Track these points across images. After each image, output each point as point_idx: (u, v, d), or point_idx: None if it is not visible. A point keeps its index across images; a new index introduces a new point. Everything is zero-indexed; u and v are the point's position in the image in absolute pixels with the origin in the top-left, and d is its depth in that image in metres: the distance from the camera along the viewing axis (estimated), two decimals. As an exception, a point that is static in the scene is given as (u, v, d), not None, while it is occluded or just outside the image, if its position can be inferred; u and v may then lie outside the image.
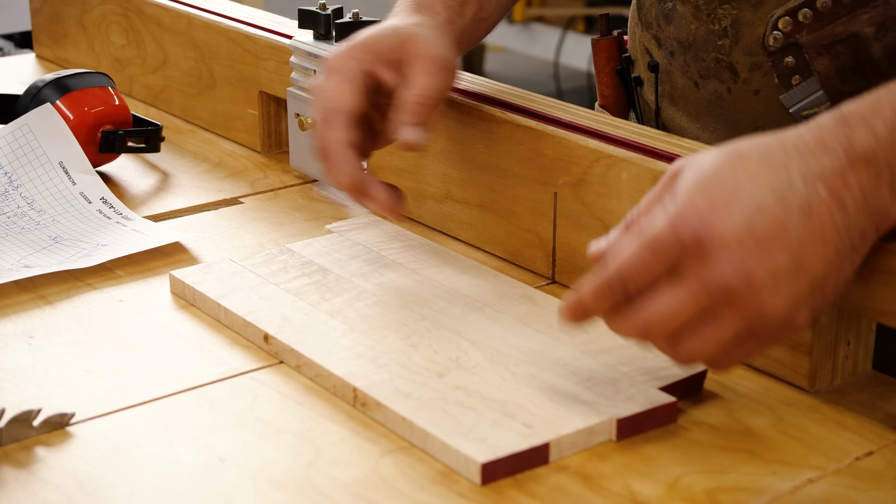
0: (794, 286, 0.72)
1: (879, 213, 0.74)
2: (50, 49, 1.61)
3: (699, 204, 0.72)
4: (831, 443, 0.79)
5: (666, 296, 0.73)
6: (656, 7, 1.07)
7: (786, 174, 0.72)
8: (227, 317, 0.93)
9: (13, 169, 1.12)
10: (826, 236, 0.72)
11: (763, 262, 0.71)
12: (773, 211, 0.71)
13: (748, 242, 0.71)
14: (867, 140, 0.73)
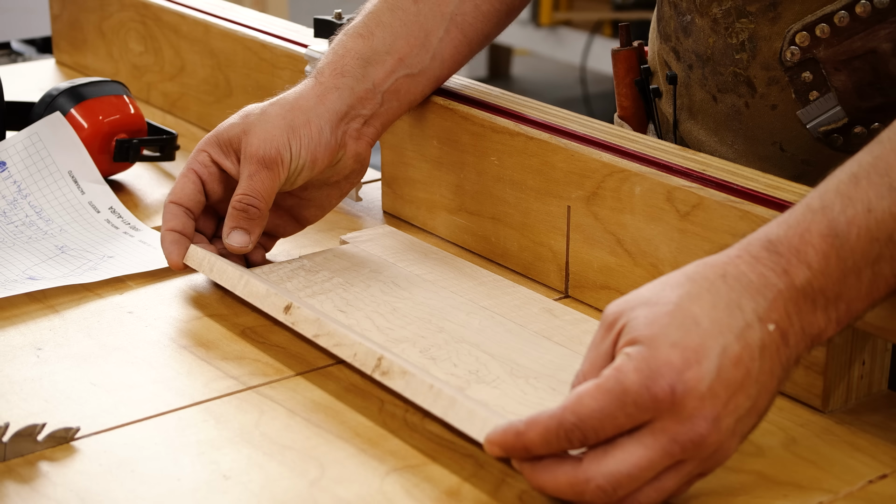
0: (748, 424, 0.72)
1: (814, 337, 0.74)
2: (69, 55, 1.61)
3: (671, 356, 0.70)
4: (844, 465, 0.78)
5: (635, 451, 0.70)
6: (675, 20, 1.06)
7: (741, 315, 0.72)
8: (246, 287, 0.93)
9: (22, 178, 1.11)
10: (774, 372, 0.72)
11: (732, 411, 0.71)
12: (740, 357, 0.71)
13: (720, 394, 0.70)
14: (803, 273, 0.73)
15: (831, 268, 0.73)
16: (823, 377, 0.82)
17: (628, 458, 0.70)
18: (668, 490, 0.71)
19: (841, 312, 0.74)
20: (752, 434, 0.79)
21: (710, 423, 0.70)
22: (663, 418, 0.70)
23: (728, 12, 1.00)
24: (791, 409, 0.84)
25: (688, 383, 0.69)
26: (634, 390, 0.69)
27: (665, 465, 0.70)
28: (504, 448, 0.72)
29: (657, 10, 1.12)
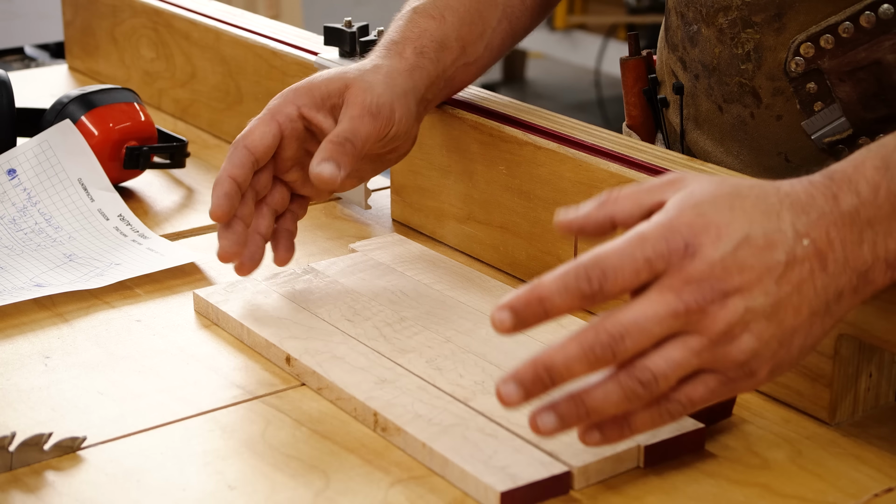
0: (764, 331, 0.70)
1: (859, 273, 0.72)
2: (82, 61, 1.61)
3: (693, 220, 0.70)
4: (850, 478, 0.77)
5: (642, 303, 0.69)
6: (682, 30, 1.06)
7: (777, 220, 0.71)
8: (249, 337, 0.93)
9: (32, 185, 1.12)
10: (804, 291, 0.71)
11: (744, 296, 0.70)
12: (761, 249, 0.70)
13: (732, 271, 0.70)
14: (851, 199, 0.72)
15: (881, 199, 0.72)
16: (830, 389, 0.82)
17: (635, 308, 0.69)
18: (675, 361, 0.69)
19: (891, 253, 0.72)
20: (758, 446, 0.80)
21: (716, 293, 0.69)
22: (672, 273, 0.69)
23: (734, 22, 1.00)
24: (797, 421, 0.83)
25: (702, 246, 0.69)
26: (652, 237, 0.69)
27: (670, 324, 0.69)
28: (515, 309, 0.69)
29: (665, 19, 1.12)
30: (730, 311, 0.70)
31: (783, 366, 0.72)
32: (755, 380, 0.72)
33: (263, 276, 1.01)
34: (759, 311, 0.70)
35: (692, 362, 0.70)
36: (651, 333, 0.69)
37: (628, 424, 0.72)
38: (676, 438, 0.78)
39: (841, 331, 0.81)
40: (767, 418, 0.84)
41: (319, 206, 1.19)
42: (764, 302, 0.70)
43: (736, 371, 0.71)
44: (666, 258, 0.69)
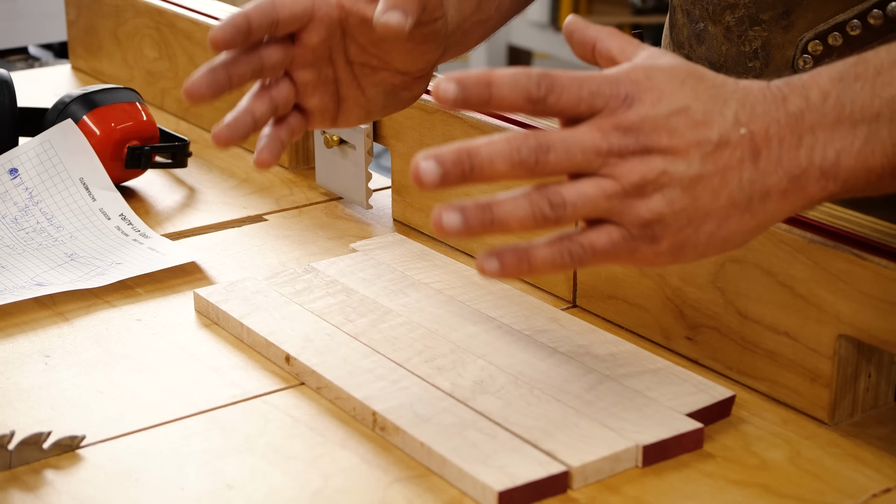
0: (676, 199, 0.70)
1: (791, 175, 0.72)
2: (85, 61, 1.61)
3: (641, 78, 0.71)
4: (848, 478, 0.77)
5: (571, 129, 0.71)
6: (688, 27, 1.06)
7: (723, 104, 0.71)
8: (249, 336, 0.93)
9: (34, 184, 1.12)
10: (727, 177, 0.71)
11: (664, 155, 0.70)
12: (696, 122, 0.71)
13: (661, 129, 0.70)
14: (798, 102, 0.72)
15: (828, 106, 0.72)
16: (829, 389, 0.82)
17: (565, 131, 0.70)
18: (585, 194, 0.70)
19: (827, 163, 0.72)
20: (756, 446, 0.80)
21: (640, 145, 0.70)
22: (605, 115, 0.71)
23: (741, 20, 1.00)
24: (796, 421, 0.83)
25: (640, 101, 0.71)
26: (600, 78, 0.71)
27: (590, 159, 0.70)
28: (463, 84, 0.70)
29: (669, 17, 1.11)
30: (647, 166, 0.70)
31: (686, 248, 0.72)
32: (656, 248, 0.71)
33: (263, 276, 1.01)
34: (676, 178, 0.70)
35: (601, 203, 0.70)
36: (573, 158, 0.70)
37: (528, 258, 0.70)
38: (675, 438, 0.78)
39: (840, 331, 0.81)
40: (766, 418, 0.84)
41: (320, 205, 1.20)
42: (684, 171, 0.70)
43: (639, 230, 0.71)
44: (605, 99, 0.71)
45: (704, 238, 0.72)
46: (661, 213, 0.70)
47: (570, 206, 0.70)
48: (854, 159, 0.72)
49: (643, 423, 0.79)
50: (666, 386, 0.83)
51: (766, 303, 0.85)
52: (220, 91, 0.86)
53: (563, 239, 0.70)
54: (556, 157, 0.69)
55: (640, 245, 0.71)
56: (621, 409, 0.81)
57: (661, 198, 0.70)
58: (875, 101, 0.72)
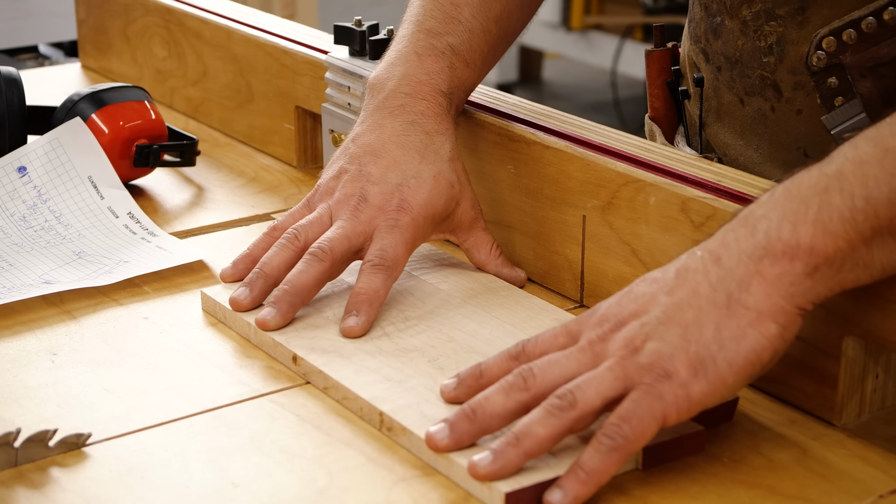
0: (664, 333, 0.74)
1: (756, 258, 0.74)
2: (95, 59, 1.62)
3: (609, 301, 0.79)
4: (855, 479, 0.77)
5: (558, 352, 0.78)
6: (705, 21, 1.06)
7: (671, 263, 0.78)
8: (256, 336, 0.93)
9: (42, 183, 1.12)
10: (698, 289, 0.75)
11: (637, 316, 0.76)
12: (653, 279, 0.77)
13: (626, 303, 0.77)
14: (747, 208, 0.77)
15: (776, 196, 0.75)
16: (836, 390, 0.82)
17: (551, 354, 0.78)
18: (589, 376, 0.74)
19: (785, 233, 0.74)
20: (763, 447, 0.80)
21: (613, 323, 0.76)
22: (583, 330, 0.78)
23: (757, 15, 1.00)
24: (804, 422, 0.83)
25: (605, 302, 0.79)
26: (573, 321, 0.80)
27: (578, 358, 0.76)
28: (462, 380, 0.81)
29: (689, 11, 1.12)
30: (627, 330, 0.76)
31: (706, 363, 0.73)
32: (677, 379, 0.73)
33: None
34: (654, 321, 0.75)
35: (606, 378, 0.74)
36: (559, 365, 0.76)
37: (580, 468, 0.73)
38: (675, 441, 0.78)
39: (847, 331, 0.80)
40: (773, 419, 0.83)
41: (329, 204, 1.19)
42: (658, 313, 0.75)
43: (650, 376, 0.73)
44: (578, 321, 0.79)
45: (714, 346, 0.74)
46: (657, 350, 0.74)
47: (578, 390, 0.74)
48: (812, 227, 0.73)
49: None
50: None
51: (773, 303, 0.84)
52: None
53: (597, 435, 0.74)
54: (541, 370, 0.77)
55: (660, 387, 0.73)
56: None
57: (651, 342, 0.75)
58: (821, 179, 0.74)
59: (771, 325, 0.74)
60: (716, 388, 0.73)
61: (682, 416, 0.73)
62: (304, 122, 1.28)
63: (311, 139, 1.29)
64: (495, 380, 0.79)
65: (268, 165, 1.30)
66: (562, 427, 0.74)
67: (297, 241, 0.94)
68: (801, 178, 0.75)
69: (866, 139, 0.74)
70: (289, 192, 1.23)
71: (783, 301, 0.74)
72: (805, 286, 0.74)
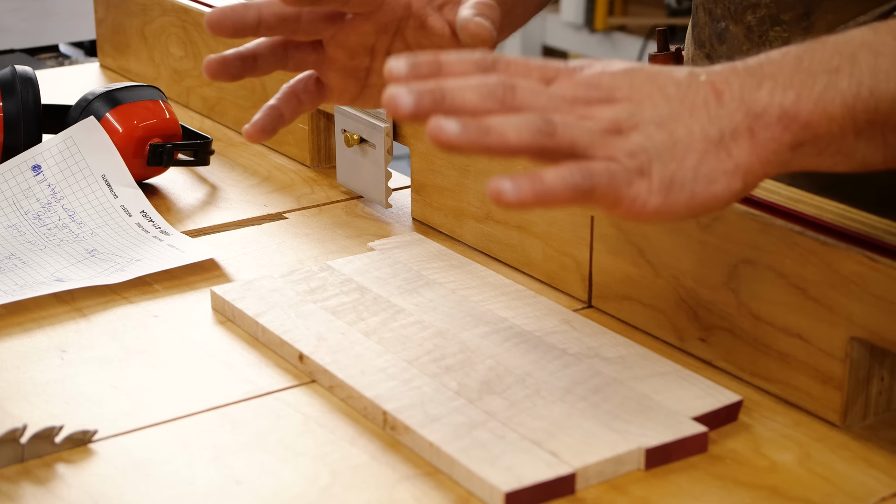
0: (653, 133, 0.72)
1: (754, 113, 0.73)
2: (113, 59, 1.62)
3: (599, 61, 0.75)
4: (857, 482, 0.77)
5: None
6: (709, 26, 1.06)
7: (676, 69, 0.75)
8: (264, 334, 0.93)
9: (56, 181, 1.13)
10: (696, 112, 0.73)
11: (630, 101, 0.73)
12: (653, 75, 0.74)
13: (621, 82, 0.73)
14: (757, 58, 0.75)
15: (787, 60, 0.74)
16: (841, 392, 0.82)
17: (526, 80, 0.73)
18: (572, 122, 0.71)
19: (787, 101, 0.73)
20: (766, 448, 0.80)
21: (603, 93, 0.72)
22: (562, 77, 0.74)
23: (762, 20, 1.00)
24: (808, 423, 0.83)
25: (591, 65, 0.74)
26: (553, 65, 0.75)
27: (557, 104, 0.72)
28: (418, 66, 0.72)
29: (692, 16, 1.11)
30: (615, 110, 0.73)
31: (675, 185, 0.72)
32: (648, 184, 0.71)
33: (279, 274, 1.01)
34: (647, 118, 0.73)
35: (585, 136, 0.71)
36: (541, 98, 0.72)
37: (540, 178, 0.69)
38: (678, 442, 0.78)
39: (852, 333, 0.80)
40: (777, 420, 0.83)
41: (340, 204, 1.20)
42: (653, 112, 0.73)
43: (629, 161, 0.71)
44: (556, 70, 0.74)
45: (690, 174, 0.72)
46: (642, 144, 0.72)
47: (562, 124, 0.71)
48: (813, 104, 0.73)
49: (648, 425, 0.79)
50: (673, 389, 0.83)
51: (778, 305, 0.84)
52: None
53: (569, 164, 0.71)
54: (522, 94, 0.71)
55: (633, 178, 0.71)
56: (627, 411, 0.81)
57: (638, 134, 0.72)
58: (835, 57, 0.74)
59: (739, 181, 0.74)
60: (669, 211, 0.73)
61: (628, 214, 0.72)
62: (317, 121, 1.28)
63: (325, 139, 1.29)
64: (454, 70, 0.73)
65: (281, 165, 1.30)
66: (530, 146, 0.70)
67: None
68: (815, 49, 0.74)
69: (888, 29, 0.74)
70: (302, 192, 1.23)
71: (759, 164, 0.74)
72: (785, 157, 0.74)
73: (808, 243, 0.82)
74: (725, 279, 0.87)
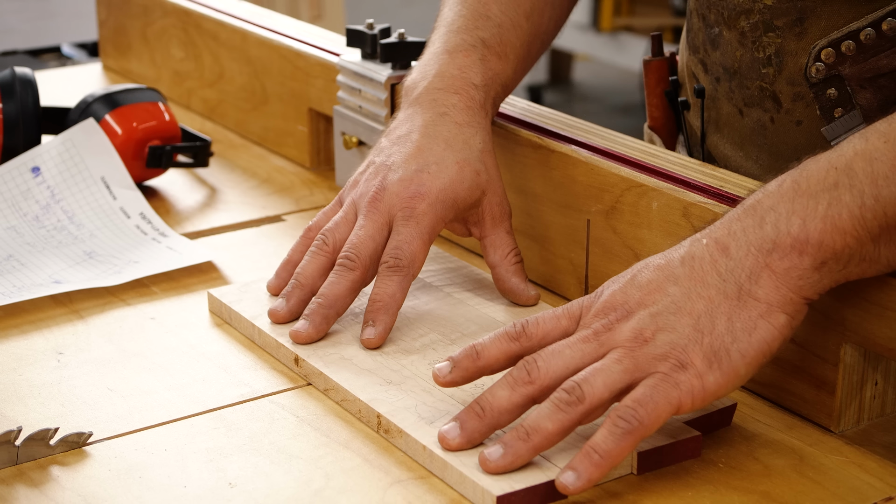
0: (676, 323, 0.75)
1: (765, 251, 0.75)
2: (115, 60, 1.63)
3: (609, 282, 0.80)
4: (850, 486, 0.77)
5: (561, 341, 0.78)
6: (703, 32, 1.06)
7: (675, 249, 0.79)
8: (260, 337, 0.94)
9: (56, 183, 1.13)
10: (707, 279, 0.76)
11: (645, 306, 0.76)
12: (658, 266, 0.78)
13: (631, 292, 0.77)
14: (755, 195, 0.77)
15: (784, 189, 0.76)
16: (835, 397, 0.82)
17: (555, 343, 0.78)
18: (595, 368, 0.75)
19: (794, 228, 0.74)
20: (759, 452, 0.80)
21: (620, 313, 0.76)
22: (585, 314, 0.79)
23: (756, 26, 1.00)
24: (801, 428, 0.83)
25: (608, 287, 0.79)
26: (575, 303, 0.80)
27: (582, 349, 0.76)
28: (457, 361, 0.80)
29: (686, 21, 1.11)
30: (635, 320, 0.76)
31: (720, 354, 0.74)
32: (693, 370, 0.74)
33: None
34: (665, 311, 0.75)
35: (615, 370, 0.75)
36: (563, 356, 0.76)
37: (594, 450, 0.73)
38: (670, 446, 0.78)
39: (845, 338, 0.80)
40: (771, 425, 0.83)
41: (339, 206, 1.20)
42: (668, 303, 0.76)
43: (666, 366, 0.74)
44: (580, 304, 0.79)
45: (728, 337, 0.75)
46: (669, 341, 0.75)
47: (585, 383, 0.75)
48: (822, 223, 0.74)
49: None
50: None
51: (772, 309, 0.84)
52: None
53: (612, 417, 0.74)
54: (545, 362, 0.77)
55: (678, 376, 0.74)
56: None
57: (662, 333, 0.75)
58: (830, 173, 0.75)
59: (781, 316, 0.75)
60: (729, 379, 0.75)
61: (696, 405, 0.74)
62: (317, 124, 1.28)
63: (324, 141, 1.29)
64: (493, 361, 0.80)
65: (281, 167, 1.30)
66: (570, 421, 0.74)
67: (327, 246, 0.93)
68: (810, 170, 0.76)
69: (877, 134, 0.75)
70: (301, 194, 1.23)
71: (791, 293, 0.75)
72: (813, 279, 0.75)
73: (802, 248, 0.82)
74: (720, 283, 0.87)
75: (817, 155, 0.77)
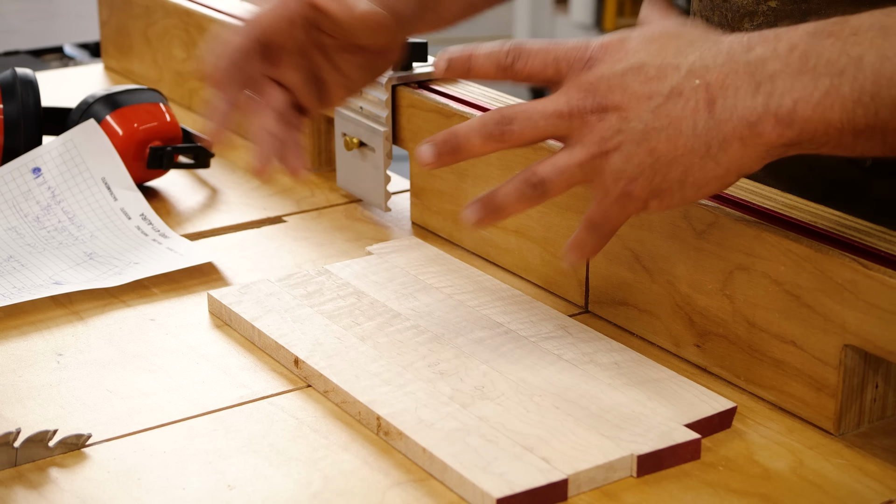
0: (633, 153, 0.77)
1: (747, 123, 0.75)
2: (117, 60, 1.63)
3: (611, 41, 0.79)
4: (850, 489, 0.77)
5: (536, 100, 0.80)
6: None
7: (682, 58, 0.77)
8: (260, 339, 0.94)
9: (56, 184, 1.13)
10: (681, 127, 0.76)
11: (618, 112, 0.77)
12: (649, 78, 0.77)
13: (615, 87, 0.77)
14: (763, 51, 0.76)
15: (793, 57, 0.74)
16: (835, 399, 0.82)
17: (529, 102, 0.80)
18: (558, 166, 0.79)
19: (783, 110, 0.74)
20: (759, 455, 0.80)
21: (597, 104, 0.77)
22: (569, 78, 0.79)
23: (759, 28, 0.99)
24: (801, 430, 0.83)
25: (600, 61, 0.78)
26: (569, 44, 0.80)
27: (555, 123, 0.78)
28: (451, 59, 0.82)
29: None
30: (605, 125, 0.77)
31: (664, 194, 0.77)
32: (635, 199, 0.78)
33: (277, 277, 1.01)
34: (630, 134, 0.77)
35: (575, 171, 0.78)
36: (536, 124, 0.79)
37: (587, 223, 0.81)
38: (670, 448, 0.78)
39: (846, 341, 0.80)
40: (771, 427, 0.83)
41: (339, 207, 1.20)
42: (636, 127, 0.77)
43: (613, 185, 0.78)
44: (569, 62, 0.79)
45: (676, 185, 0.77)
46: (622, 168, 0.77)
47: (549, 181, 0.79)
48: (812, 110, 0.73)
49: (640, 432, 0.79)
50: (667, 395, 0.83)
51: (773, 311, 0.84)
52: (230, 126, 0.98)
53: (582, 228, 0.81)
54: (520, 126, 0.79)
55: (623, 200, 0.78)
56: (619, 417, 0.81)
57: (618, 154, 0.77)
58: (842, 57, 0.73)
59: (733, 178, 0.77)
60: (669, 206, 0.79)
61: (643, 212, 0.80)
62: (317, 125, 1.28)
63: (325, 142, 1.29)
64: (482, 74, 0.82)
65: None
66: (528, 206, 0.80)
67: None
68: (824, 47, 0.74)
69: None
70: (301, 195, 1.23)
71: (753, 162, 0.76)
72: (779, 153, 0.76)
73: (802, 250, 0.82)
74: (721, 285, 0.87)
75: (842, 22, 0.74)
